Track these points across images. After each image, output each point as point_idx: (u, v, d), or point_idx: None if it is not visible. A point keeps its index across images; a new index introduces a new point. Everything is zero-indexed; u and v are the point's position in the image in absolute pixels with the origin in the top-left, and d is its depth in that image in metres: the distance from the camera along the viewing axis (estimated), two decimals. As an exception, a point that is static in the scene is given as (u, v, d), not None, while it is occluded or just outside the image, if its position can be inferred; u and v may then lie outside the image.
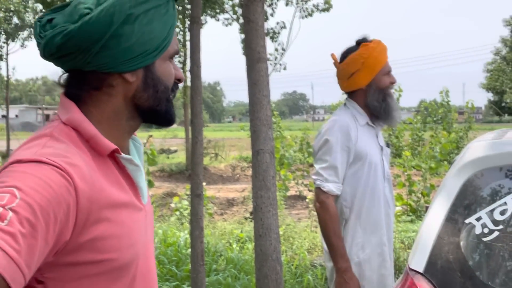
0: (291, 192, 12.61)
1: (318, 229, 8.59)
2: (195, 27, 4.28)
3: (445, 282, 1.81)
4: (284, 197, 11.07)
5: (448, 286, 1.80)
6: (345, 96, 3.15)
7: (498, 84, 42.91)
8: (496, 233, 1.83)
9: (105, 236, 1.15)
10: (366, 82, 2.95)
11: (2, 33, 25.48)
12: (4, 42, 26.20)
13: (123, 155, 1.27)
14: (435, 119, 21.03)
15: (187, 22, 12.87)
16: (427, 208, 7.32)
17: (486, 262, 1.83)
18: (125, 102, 1.27)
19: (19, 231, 0.97)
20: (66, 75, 1.27)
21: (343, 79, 2.98)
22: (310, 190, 10.97)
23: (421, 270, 1.86)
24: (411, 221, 9.30)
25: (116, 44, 1.19)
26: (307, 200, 10.55)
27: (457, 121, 20.88)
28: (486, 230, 1.83)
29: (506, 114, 45.03)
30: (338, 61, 2.98)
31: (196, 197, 4.22)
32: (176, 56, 1.35)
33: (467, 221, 1.86)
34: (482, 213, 1.85)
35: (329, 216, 2.82)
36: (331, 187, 2.83)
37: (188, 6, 11.77)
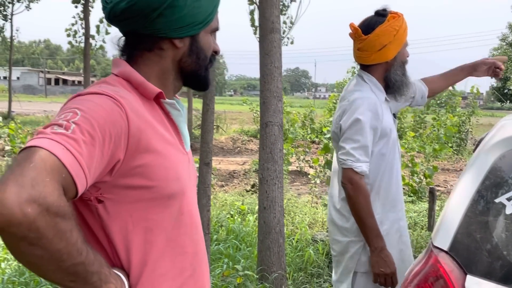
0: (292, 167, 12.59)
1: (319, 205, 8.63)
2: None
3: (470, 261, 1.76)
4: (287, 171, 11.05)
5: (474, 265, 1.75)
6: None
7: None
8: None
9: (154, 165, 1.34)
10: (393, 54, 2.88)
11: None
12: (9, 2, 25.85)
13: (166, 99, 1.48)
14: (438, 102, 20.95)
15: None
16: (430, 189, 7.20)
17: (516, 243, 1.78)
18: (173, 64, 1.50)
19: (81, 138, 1.17)
20: (123, 39, 1.51)
21: (372, 51, 2.86)
22: (311, 167, 10.94)
23: (445, 248, 1.81)
24: (412, 202, 9.31)
25: (171, 13, 1.41)
26: (309, 176, 10.52)
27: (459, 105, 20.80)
28: None
29: (508, 101, 44.81)
30: (361, 32, 2.87)
31: (205, 165, 4.19)
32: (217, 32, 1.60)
33: (497, 200, 1.81)
34: None
35: (363, 197, 2.76)
36: (364, 167, 2.77)
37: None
